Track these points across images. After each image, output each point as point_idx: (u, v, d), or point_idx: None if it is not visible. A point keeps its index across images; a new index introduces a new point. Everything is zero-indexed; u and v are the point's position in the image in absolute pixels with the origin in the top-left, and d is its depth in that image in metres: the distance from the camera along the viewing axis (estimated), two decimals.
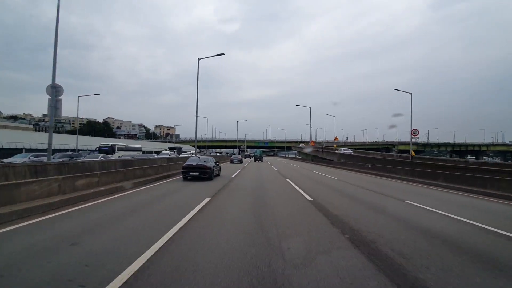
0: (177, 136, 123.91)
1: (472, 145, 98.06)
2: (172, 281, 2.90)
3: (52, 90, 13.48)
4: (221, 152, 76.16)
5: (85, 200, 7.43)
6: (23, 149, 34.98)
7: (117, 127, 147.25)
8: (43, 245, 3.95)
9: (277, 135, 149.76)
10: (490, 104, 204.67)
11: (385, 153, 46.27)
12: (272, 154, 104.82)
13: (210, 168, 13.97)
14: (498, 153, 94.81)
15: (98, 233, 4.59)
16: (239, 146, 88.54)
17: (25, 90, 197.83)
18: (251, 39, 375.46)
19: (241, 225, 5.27)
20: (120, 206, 6.98)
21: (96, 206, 6.91)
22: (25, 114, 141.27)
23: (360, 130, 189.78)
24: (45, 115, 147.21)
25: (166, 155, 31.70)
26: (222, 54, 21.88)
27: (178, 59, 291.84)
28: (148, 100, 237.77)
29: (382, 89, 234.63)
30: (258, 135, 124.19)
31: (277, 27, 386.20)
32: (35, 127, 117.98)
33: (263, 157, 52.50)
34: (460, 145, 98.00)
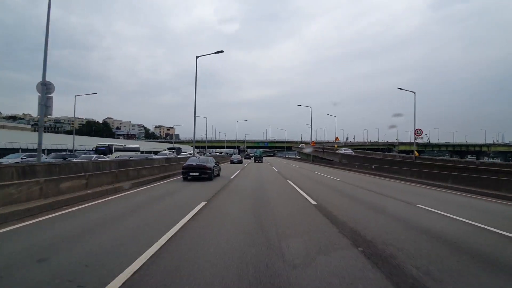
0: (177, 136, 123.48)
1: (473, 146, 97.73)
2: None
3: (42, 88, 12.86)
4: (221, 153, 75.48)
5: (70, 205, 6.81)
6: (20, 149, 35.26)
7: (117, 127, 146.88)
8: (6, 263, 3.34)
9: (277, 135, 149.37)
10: (490, 104, 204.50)
11: (387, 154, 45.62)
12: (272, 155, 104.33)
13: (210, 169, 13.85)
14: (499, 154, 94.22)
15: (73, 248, 3.98)
16: (239, 147, 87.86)
17: (25, 90, 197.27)
18: (251, 39, 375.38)
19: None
20: (109, 211, 6.37)
21: (80, 212, 6.29)
22: (25, 114, 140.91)
23: (360, 130, 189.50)
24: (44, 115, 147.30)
25: (165, 156, 31.14)
26: (221, 52, 21.31)
27: (178, 59, 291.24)
28: (148, 100, 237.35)
29: (382, 89, 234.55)
30: (258, 135, 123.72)
31: (277, 27, 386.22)
32: (34, 127, 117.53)
33: (263, 158, 52.85)
34: (461, 146, 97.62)
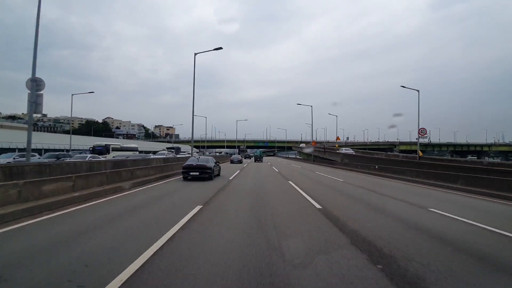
0: (177, 136, 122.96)
1: (474, 145, 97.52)
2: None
3: (32, 84, 12.31)
4: (221, 152, 74.94)
5: (51, 210, 6.20)
6: (17, 149, 35.15)
7: (116, 127, 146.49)
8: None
9: (277, 135, 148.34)
10: (491, 104, 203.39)
11: (390, 153, 44.96)
12: (272, 154, 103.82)
13: (210, 168, 13.85)
14: (499, 154, 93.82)
15: (36, 265, 3.37)
16: (239, 146, 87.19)
17: (25, 90, 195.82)
18: (251, 39, 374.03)
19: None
20: (95, 217, 5.76)
21: (61, 218, 5.69)
22: (24, 114, 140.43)
23: (361, 130, 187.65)
24: (44, 115, 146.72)
25: (163, 155, 30.56)
26: (220, 49, 20.73)
27: (178, 59, 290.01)
28: (148, 100, 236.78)
29: (382, 89, 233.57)
30: (258, 135, 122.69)
31: (277, 27, 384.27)
32: (34, 127, 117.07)
33: (263, 157, 52.82)
34: (462, 145, 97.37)
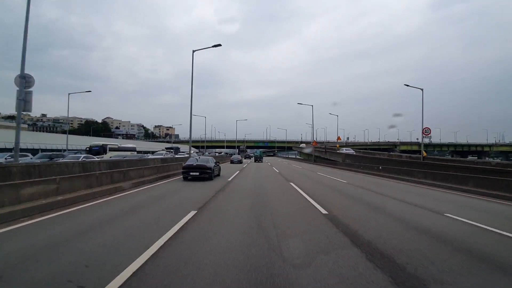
0: (176, 136, 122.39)
1: (475, 145, 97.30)
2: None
3: (21, 81, 11.65)
4: (221, 153, 74.35)
5: (29, 216, 5.60)
6: (13, 149, 35.24)
7: (116, 127, 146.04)
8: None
9: (277, 135, 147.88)
10: (491, 104, 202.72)
11: (392, 154, 44.31)
12: (272, 155, 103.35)
13: (210, 168, 13.84)
14: (500, 154, 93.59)
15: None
16: (239, 146, 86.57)
17: None
18: (251, 39, 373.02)
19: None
20: (73, 225, 5.16)
21: (39, 226, 5.09)
22: (23, 114, 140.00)
23: (361, 130, 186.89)
24: (44, 115, 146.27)
25: (161, 156, 29.97)
26: (219, 45, 20.15)
27: (178, 59, 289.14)
28: (148, 100, 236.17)
29: (382, 89, 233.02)
30: (258, 135, 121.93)
31: (277, 27, 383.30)
32: (33, 127, 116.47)
33: (263, 158, 52.74)
34: (463, 145, 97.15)
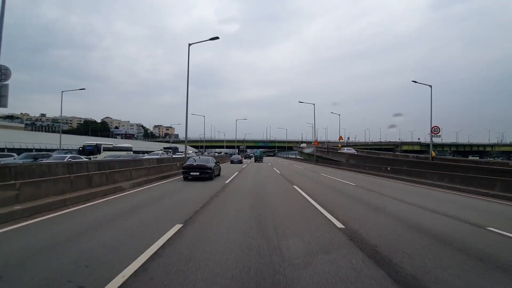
0: (176, 136, 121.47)
1: (477, 145, 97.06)
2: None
3: None
4: (220, 153, 73.21)
5: None
6: (5, 149, 34.60)
7: (115, 127, 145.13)
8: None
9: (278, 135, 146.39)
10: (491, 104, 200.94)
11: (398, 153, 43.01)
12: (272, 155, 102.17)
13: (211, 168, 13.76)
14: (501, 154, 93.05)
15: None
16: (239, 146, 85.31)
17: (24, 90, 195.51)
18: (251, 39, 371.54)
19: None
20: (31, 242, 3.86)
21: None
22: (22, 114, 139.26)
23: (361, 130, 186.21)
24: (43, 115, 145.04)
25: (157, 156, 28.70)
26: (217, 38, 18.96)
27: (178, 59, 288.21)
28: (148, 100, 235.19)
29: (382, 89, 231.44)
30: (258, 135, 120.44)
31: (277, 27, 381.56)
32: (32, 127, 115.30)
33: (263, 158, 52.00)
34: (465, 145, 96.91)
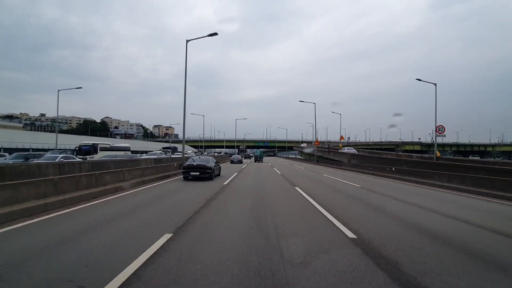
0: (176, 136, 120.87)
1: (478, 145, 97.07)
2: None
3: None
4: (220, 152, 72.82)
5: None
6: (1, 149, 35.07)
7: (115, 127, 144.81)
8: None
9: (278, 135, 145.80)
10: (491, 104, 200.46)
11: (401, 153, 42.45)
12: (273, 154, 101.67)
13: (211, 168, 13.70)
14: (502, 153, 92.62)
15: None
16: (238, 146, 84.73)
17: (24, 90, 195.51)
18: (251, 39, 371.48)
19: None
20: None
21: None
22: (22, 114, 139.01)
23: (361, 130, 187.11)
24: (42, 115, 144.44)
25: (154, 155, 28.14)
26: (215, 34, 18.46)
27: (178, 59, 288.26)
28: (148, 100, 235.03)
29: (382, 89, 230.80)
30: (258, 135, 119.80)
31: (277, 27, 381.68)
32: (31, 127, 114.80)
33: (263, 157, 51.67)
34: (465, 145, 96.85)
